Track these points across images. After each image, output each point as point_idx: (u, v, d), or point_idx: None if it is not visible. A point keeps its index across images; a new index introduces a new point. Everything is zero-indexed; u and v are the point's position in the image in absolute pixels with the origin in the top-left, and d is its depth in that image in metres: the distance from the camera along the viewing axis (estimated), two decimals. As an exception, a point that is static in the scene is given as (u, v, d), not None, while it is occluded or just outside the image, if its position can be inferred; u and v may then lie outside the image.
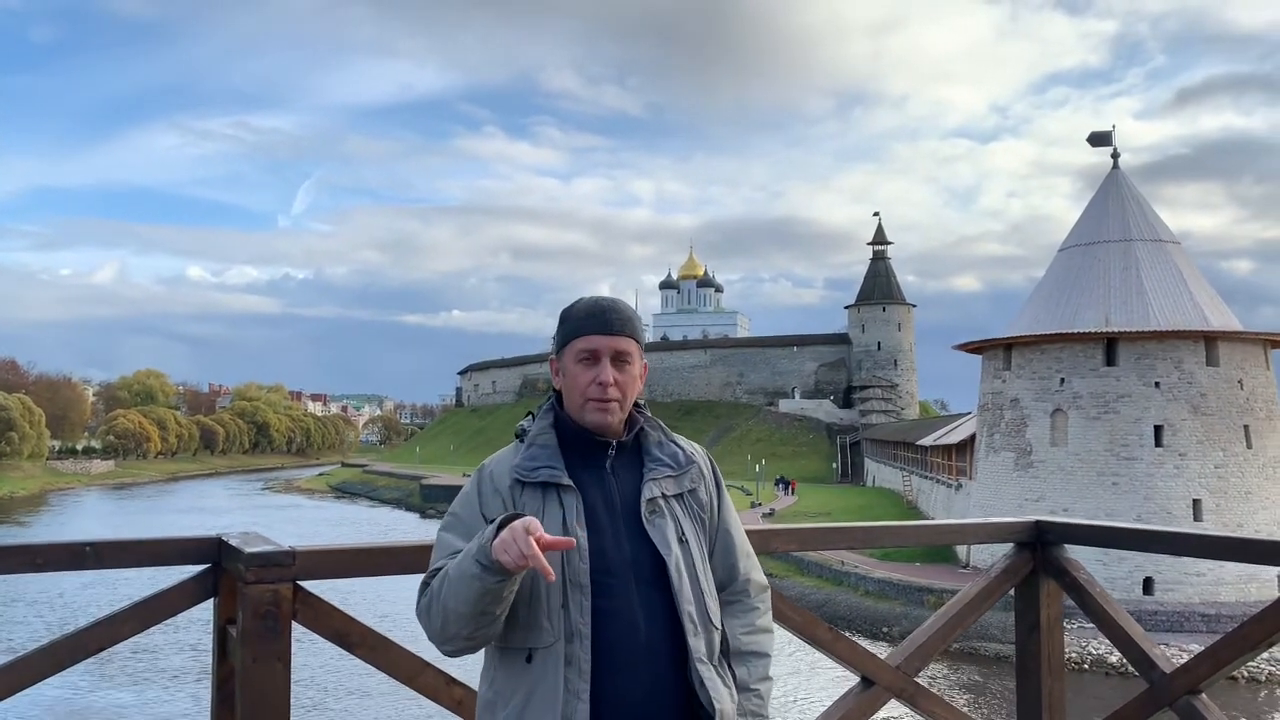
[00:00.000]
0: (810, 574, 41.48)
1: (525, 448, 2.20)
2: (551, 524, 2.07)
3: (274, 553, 2.66)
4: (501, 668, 2.12)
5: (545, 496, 2.12)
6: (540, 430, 2.23)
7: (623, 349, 2.22)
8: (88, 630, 2.75)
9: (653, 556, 2.12)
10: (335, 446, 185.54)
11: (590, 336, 2.21)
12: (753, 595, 2.33)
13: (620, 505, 2.16)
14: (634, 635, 2.07)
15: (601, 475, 2.19)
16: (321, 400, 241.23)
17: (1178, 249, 38.83)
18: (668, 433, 2.31)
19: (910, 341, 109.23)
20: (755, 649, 2.28)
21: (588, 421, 2.20)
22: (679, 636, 2.10)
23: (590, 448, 2.21)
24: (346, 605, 2.81)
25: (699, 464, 2.30)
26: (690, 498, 2.24)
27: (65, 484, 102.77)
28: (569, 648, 2.03)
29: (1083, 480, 36.12)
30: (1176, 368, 35.50)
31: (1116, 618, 3.50)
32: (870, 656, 3.51)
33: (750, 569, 2.34)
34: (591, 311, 2.24)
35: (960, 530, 5.37)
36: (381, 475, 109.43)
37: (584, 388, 2.19)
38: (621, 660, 2.05)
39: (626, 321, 2.24)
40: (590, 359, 2.20)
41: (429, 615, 2.07)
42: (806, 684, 25.31)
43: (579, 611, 2.04)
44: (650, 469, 2.21)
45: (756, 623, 2.31)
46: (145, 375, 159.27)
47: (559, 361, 2.28)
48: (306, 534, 61.82)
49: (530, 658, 2.06)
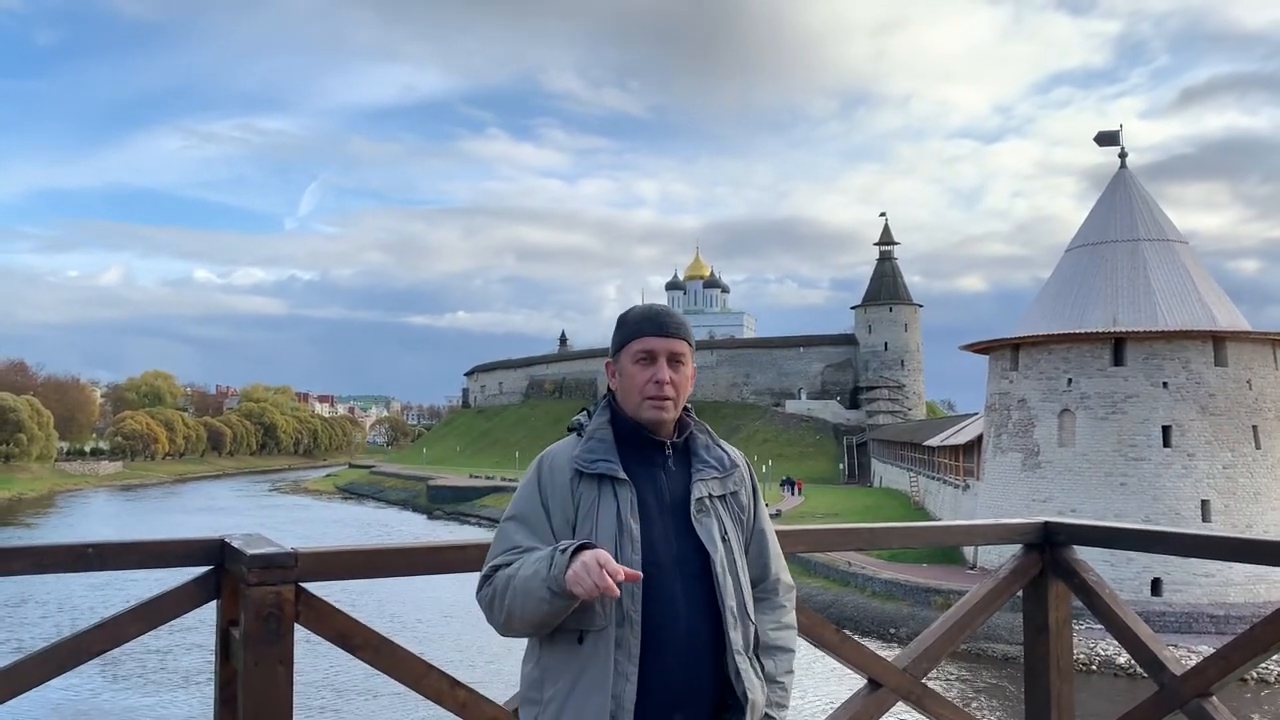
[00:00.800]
0: (817, 575, 41.40)
1: (584, 440, 2.32)
2: (606, 514, 2.22)
3: (276, 554, 2.64)
4: (551, 647, 2.24)
5: (601, 487, 2.25)
6: (599, 425, 2.35)
7: (678, 350, 2.36)
8: (89, 633, 2.74)
9: (698, 552, 2.26)
10: (342, 448, 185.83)
11: (648, 338, 2.34)
12: (781, 594, 2.49)
13: (670, 502, 2.30)
14: (677, 624, 2.20)
15: (654, 473, 2.32)
16: (329, 402, 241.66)
17: (1185, 249, 38.69)
18: (714, 437, 2.47)
19: (917, 342, 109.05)
20: (782, 644, 2.43)
21: (644, 418, 2.32)
22: (719, 628, 2.23)
23: (644, 446, 2.34)
24: (350, 607, 2.79)
25: (741, 469, 2.45)
26: (733, 500, 2.39)
27: (74, 485, 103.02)
28: (620, 632, 2.16)
29: (1090, 481, 36.00)
30: (1184, 368, 35.36)
31: (1125, 619, 3.47)
32: (877, 659, 3.48)
33: (780, 569, 2.51)
34: (648, 315, 2.39)
35: (968, 531, 5.35)
36: (389, 476, 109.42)
37: (641, 386, 2.32)
38: (666, 647, 2.18)
39: (681, 325, 2.39)
40: (648, 359, 2.33)
41: (491, 609, 2.23)
42: (814, 684, 25.27)
43: (630, 599, 2.16)
44: (699, 470, 2.35)
45: (784, 619, 2.47)
46: (153, 376, 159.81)
47: (616, 364, 2.40)
48: (315, 535, 61.94)
49: (582, 639, 2.17)
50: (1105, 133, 40.68)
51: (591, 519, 2.23)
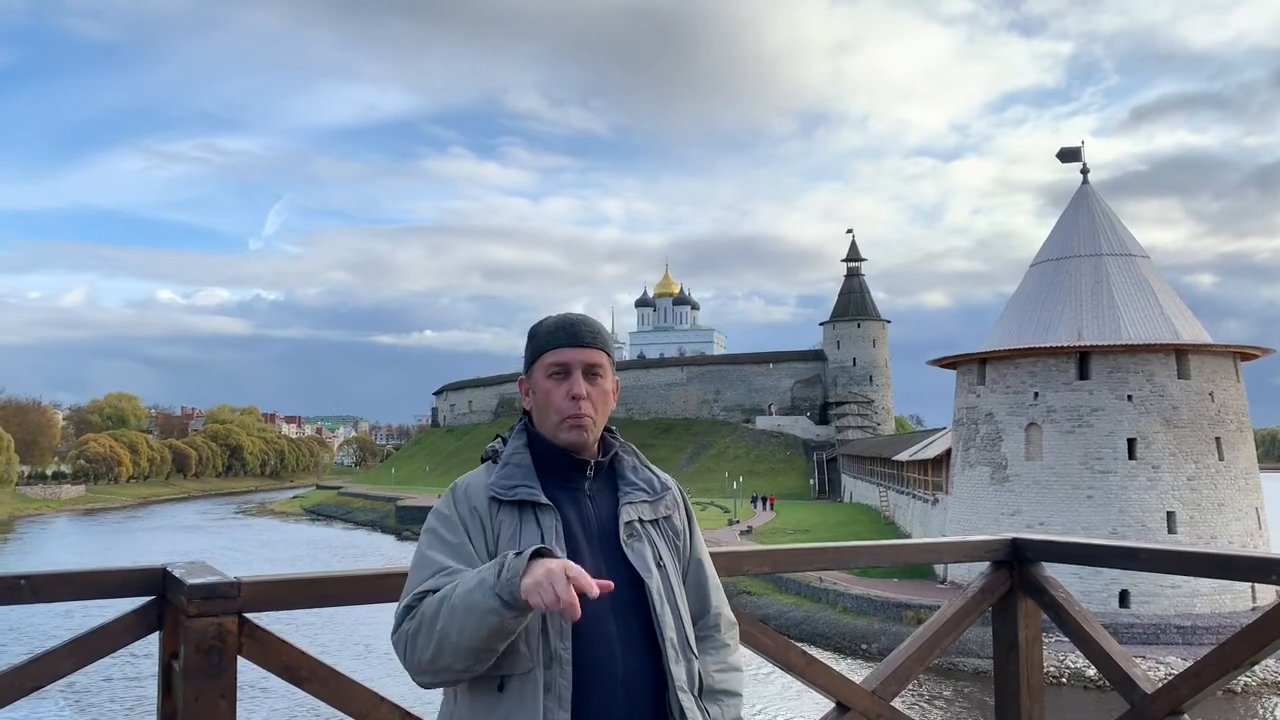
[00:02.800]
0: (789, 591, 41.39)
1: (500, 466, 2.13)
2: (529, 542, 1.98)
3: (217, 584, 2.53)
4: (467, 698, 1.98)
5: (522, 515, 2.05)
6: (515, 450, 2.16)
7: (594, 362, 2.16)
8: (22, 668, 2.61)
9: (631, 581, 2.04)
10: (310, 469, 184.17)
11: (561, 350, 2.15)
12: (724, 631, 2.25)
13: (598, 528, 2.10)
14: (612, 662, 1.98)
15: (578, 497, 2.13)
16: (296, 422, 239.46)
17: (1148, 263, 39.21)
18: (641, 459, 2.27)
19: (885, 357, 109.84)
20: (728, 687, 2.19)
21: (562, 440, 2.13)
22: (658, 664, 2.01)
23: (565, 468, 2.14)
24: (297, 635, 2.68)
25: (673, 492, 2.26)
26: (665, 524, 2.19)
27: (35, 510, 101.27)
28: (548, 674, 1.92)
29: (1058, 493, 36.27)
30: (1148, 381, 35.76)
31: (1096, 636, 3.42)
32: (845, 681, 3.40)
33: (721, 603, 2.27)
34: (561, 325, 2.18)
35: (935, 549, 5.27)
36: (357, 497, 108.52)
37: (558, 403, 2.13)
38: (600, 688, 1.95)
39: (597, 334, 2.19)
40: (562, 373, 2.14)
41: (414, 643, 1.91)
42: (782, 708, 25.16)
43: (559, 636, 1.95)
44: (626, 493, 2.16)
45: (729, 660, 2.23)
46: (117, 398, 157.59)
47: (529, 380, 2.21)
48: (281, 558, 61.21)
49: (503, 686, 1.93)
50: (1067, 149, 41.23)
51: (513, 550, 1.95)
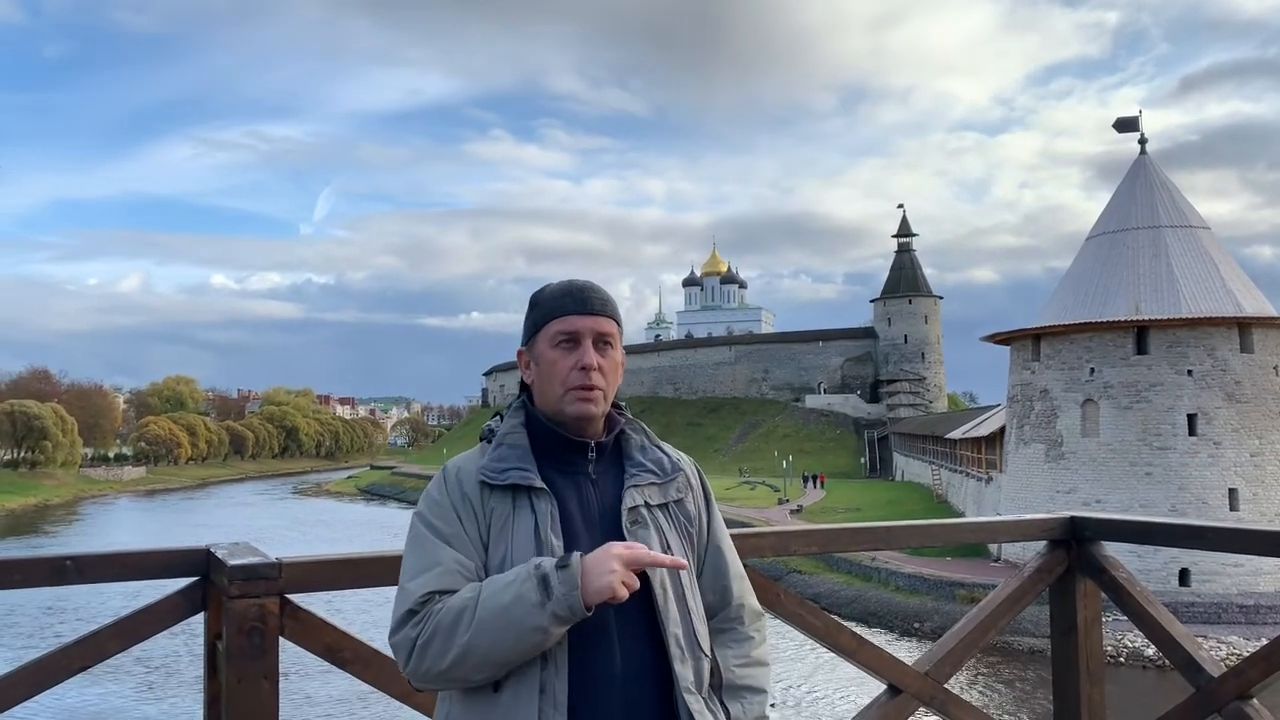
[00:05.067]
0: (839, 570, 41.21)
1: (493, 448, 1.95)
2: (522, 532, 1.85)
3: (259, 565, 2.52)
4: (462, 700, 1.86)
5: (515, 501, 1.88)
6: (510, 429, 1.98)
7: (606, 331, 1.98)
8: (69, 649, 2.63)
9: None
10: (364, 449, 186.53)
11: (569, 317, 1.96)
12: (747, 623, 2.07)
13: (599, 514, 1.92)
14: (611, 662, 1.83)
15: (578, 480, 1.94)
16: (349, 404, 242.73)
17: (1208, 234, 38.23)
18: (651, 436, 2.07)
19: (937, 334, 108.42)
20: (751, 683, 2.01)
21: (568, 414, 1.94)
22: (663, 663, 1.86)
23: (565, 449, 1.96)
24: (338, 615, 2.67)
25: (686, 472, 2.06)
26: (676, 508, 2.00)
27: (98, 491, 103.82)
28: (543, 675, 1.78)
29: (1115, 471, 35.64)
30: (1209, 355, 34.94)
31: (1159, 618, 3.30)
32: (896, 663, 3.32)
33: (744, 593, 2.08)
34: (568, 290, 2.00)
35: (991, 528, 5.18)
36: (410, 477, 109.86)
37: (564, 375, 1.94)
38: (599, 689, 1.81)
39: (606, 301, 2.01)
40: (570, 342, 1.96)
41: (424, 653, 1.78)
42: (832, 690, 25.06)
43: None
44: (632, 475, 1.97)
45: (752, 654, 2.04)
46: (175, 381, 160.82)
47: (530, 352, 2.02)
48: (339, 538, 62.27)
49: (498, 687, 1.80)
50: (1124, 119, 40.30)
51: (506, 539, 1.85)
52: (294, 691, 22.81)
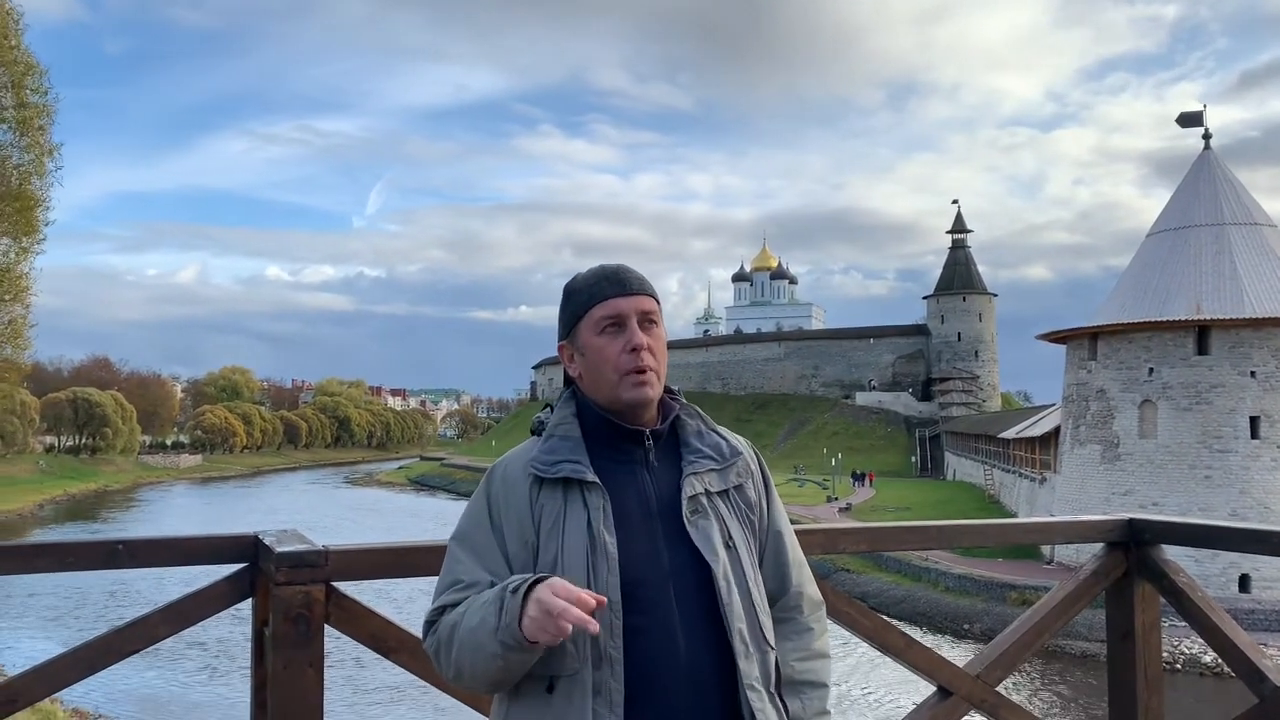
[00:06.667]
0: (889, 569, 40.83)
1: (544, 439, 1.88)
2: (575, 528, 1.77)
3: (305, 552, 2.53)
4: (517, 699, 1.79)
5: (567, 495, 1.80)
6: (561, 420, 1.90)
7: (647, 309, 1.90)
8: (119, 632, 2.66)
9: (695, 564, 1.79)
10: (414, 440, 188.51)
11: (610, 300, 1.88)
12: (806, 613, 1.97)
13: (658, 505, 1.83)
14: (674, 658, 1.74)
15: (634, 470, 1.86)
16: (401, 395, 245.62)
17: (1274, 232, 37.23)
18: (708, 421, 1.98)
19: (992, 332, 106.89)
20: (811, 678, 1.93)
21: (625, 401, 1.86)
22: (727, 659, 1.77)
23: (619, 439, 1.87)
24: (384, 602, 2.67)
25: (746, 456, 1.97)
26: (737, 495, 1.91)
27: (156, 478, 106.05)
28: (597, 675, 1.71)
29: (1173, 474, 34.90)
30: (1274, 356, 34.08)
31: (1221, 625, 3.20)
32: (947, 665, 3.26)
33: (804, 581, 1.99)
34: (603, 275, 1.92)
35: (1046, 529, 5.07)
36: (459, 468, 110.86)
37: (615, 359, 1.86)
38: (659, 688, 1.73)
39: (643, 281, 1.93)
40: (616, 325, 1.88)
41: (438, 661, 1.80)
42: (881, 692, 24.82)
43: (608, 632, 1.72)
44: (691, 462, 1.88)
45: (813, 646, 1.95)
46: (231, 371, 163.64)
47: (573, 343, 1.93)
48: (391, 526, 63.03)
49: (552, 687, 1.73)
50: (1188, 114, 39.38)
51: (557, 537, 1.77)
52: (340, 680, 23.05)
